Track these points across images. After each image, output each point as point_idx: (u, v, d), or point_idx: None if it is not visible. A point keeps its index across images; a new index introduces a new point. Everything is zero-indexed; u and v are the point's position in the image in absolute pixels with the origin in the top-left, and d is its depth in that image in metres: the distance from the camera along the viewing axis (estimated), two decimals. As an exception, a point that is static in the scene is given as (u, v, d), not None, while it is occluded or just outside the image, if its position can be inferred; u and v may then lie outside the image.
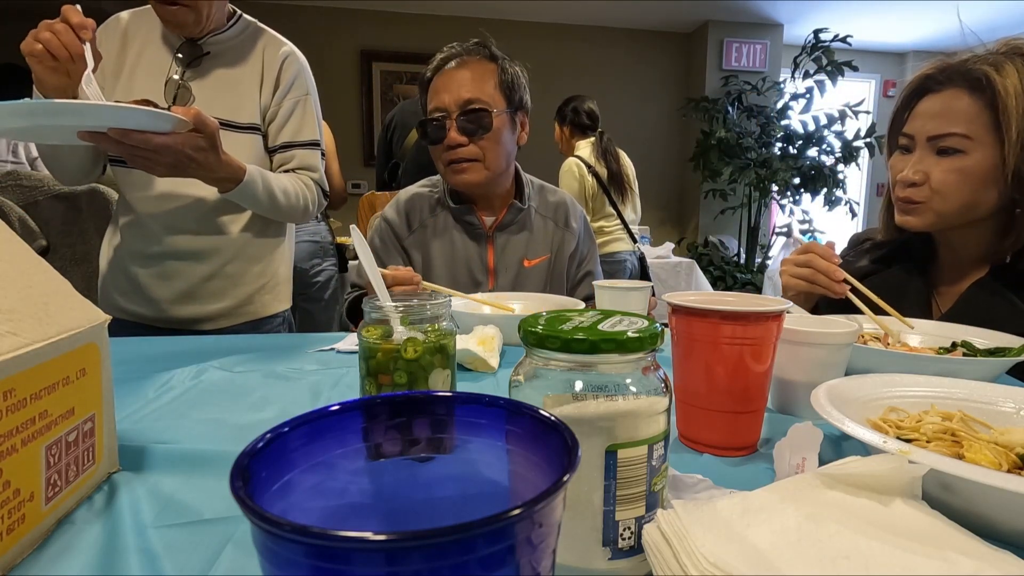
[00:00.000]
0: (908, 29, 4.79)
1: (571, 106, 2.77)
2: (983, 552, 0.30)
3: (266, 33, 1.17)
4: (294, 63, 1.15)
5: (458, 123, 1.07)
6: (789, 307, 0.52)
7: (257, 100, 1.12)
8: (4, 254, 0.39)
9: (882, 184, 5.48)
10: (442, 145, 1.09)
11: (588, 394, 0.32)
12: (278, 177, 1.10)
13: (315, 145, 1.18)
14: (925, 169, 0.88)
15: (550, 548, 0.21)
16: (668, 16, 4.54)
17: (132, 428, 0.54)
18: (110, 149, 0.85)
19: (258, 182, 1.03)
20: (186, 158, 0.87)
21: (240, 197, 1.02)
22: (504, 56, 1.14)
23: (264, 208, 1.08)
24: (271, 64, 1.13)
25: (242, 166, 0.99)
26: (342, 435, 0.26)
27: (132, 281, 1.11)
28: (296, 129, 1.15)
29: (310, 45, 4.47)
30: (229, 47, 1.11)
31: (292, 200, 1.11)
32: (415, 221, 1.17)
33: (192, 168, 0.90)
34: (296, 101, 1.14)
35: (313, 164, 1.17)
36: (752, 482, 0.43)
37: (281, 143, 1.14)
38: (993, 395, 0.52)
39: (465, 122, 1.07)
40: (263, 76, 1.13)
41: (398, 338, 0.49)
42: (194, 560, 0.35)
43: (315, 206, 1.17)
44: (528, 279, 1.18)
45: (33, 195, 1.36)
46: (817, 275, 0.87)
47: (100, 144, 0.81)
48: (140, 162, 0.86)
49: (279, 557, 0.18)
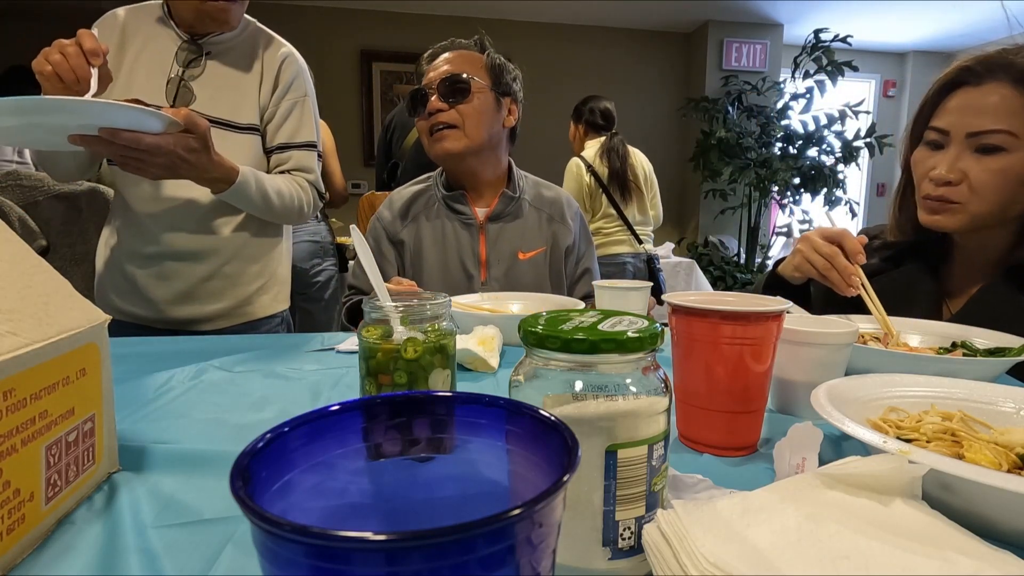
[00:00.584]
0: (908, 29, 4.79)
1: (588, 105, 2.76)
2: (983, 552, 0.30)
3: (265, 33, 1.17)
4: (293, 64, 1.15)
5: (439, 91, 1.11)
6: (789, 307, 0.52)
7: (256, 100, 1.12)
8: (4, 254, 0.39)
9: (882, 184, 5.48)
10: (424, 114, 1.13)
11: (588, 394, 0.32)
12: (272, 178, 1.09)
13: (312, 146, 1.18)
14: (963, 167, 0.83)
15: (550, 548, 0.21)
16: (668, 16, 4.54)
17: (132, 428, 0.54)
18: (102, 152, 0.85)
19: (251, 183, 1.03)
20: (178, 159, 0.87)
21: (233, 198, 1.02)
22: (494, 50, 1.17)
23: (258, 209, 1.08)
24: (270, 65, 1.13)
25: (235, 167, 0.99)
26: (342, 435, 0.26)
27: (129, 281, 1.10)
28: (293, 130, 1.15)
29: (310, 45, 4.48)
30: (229, 47, 1.11)
31: (287, 202, 1.11)
32: (408, 215, 1.19)
33: (184, 169, 0.90)
34: (294, 102, 1.15)
35: (309, 165, 1.17)
36: (752, 482, 0.43)
37: (278, 144, 1.14)
38: (993, 395, 0.52)
39: (445, 89, 1.11)
40: (262, 77, 1.13)
41: (398, 338, 0.49)
42: (194, 560, 0.35)
43: (310, 208, 1.17)
44: (524, 272, 1.17)
45: (33, 195, 1.36)
46: (832, 272, 0.84)
47: (91, 147, 0.81)
48: (132, 164, 0.86)
49: (279, 557, 0.18)
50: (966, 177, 0.83)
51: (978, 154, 0.82)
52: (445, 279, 1.15)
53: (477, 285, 1.15)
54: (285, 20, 4.25)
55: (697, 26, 4.71)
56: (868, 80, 5.41)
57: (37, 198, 1.42)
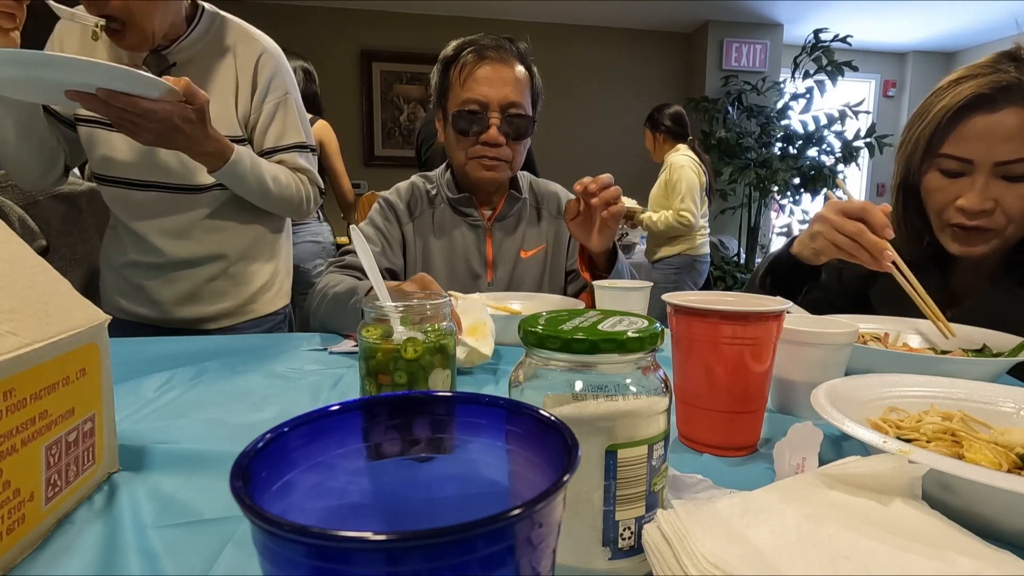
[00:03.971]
0: (908, 29, 4.80)
1: (663, 112, 2.93)
2: (983, 552, 0.30)
3: (235, 28, 1.08)
4: (269, 62, 1.09)
5: (501, 123, 1.06)
6: (789, 307, 0.52)
7: (234, 109, 1.07)
8: (4, 254, 0.39)
9: (882, 184, 5.48)
10: (475, 138, 1.07)
11: (588, 394, 0.32)
12: (271, 165, 1.07)
13: (301, 147, 1.14)
14: (994, 196, 0.82)
15: (550, 548, 0.21)
16: (668, 16, 4.54)
17: (132, 428, 0.54)
18: (97, 110, 0.82)
19: (247, 163, 1.00)
20: (173, 127, 0.86)
21: (228, 177, 1.00)
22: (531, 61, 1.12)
23: (254, 193, 1.05)
24: (245, 66, 1.07)
25: (231, 145, 0.97)
26: (342, 435, 0.26)
27: (134, 285, 1.10)
28: (279, 133, 1.11)
29: (310, 45, 4.49)
30: (196, 53, 1.04)
31: (284, 189, 1.08)
32: (415, 209, 1.16)
33: (179, 139, 0.88)
34: (276, 103, 1.10)
35: (302, 166, 1.14)
36: (752, 482, 0.43)
37: (267, 148, 1.11)
38: (993, 395, 0.52)
39: (508, 124, 1.06)
40: (238, 81, 1.07)
41: (398, 338, 0.49)
42: (194, 560, 0.35)
43: (310, 202, 1.15)
44: (526, 270, 1.17)
45: (33, 195, 1.36)
46: (861, 251, 0.79)
47: (86, 104, 0.80)
48: (126, 127, 0.85)
49: (279, 557, 0.18)
50: (998, 205, 0.82)
51: (1007, 181, 0.81)
52: (451, 280, 1.14)
53: (483, 286, 1.15)
54: (285, 20, 4.25)
55: (697, 26, 4.71)
56: (868, 80, 5.41)
57: (37, 198, 1.42)
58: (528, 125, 1.09)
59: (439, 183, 1.18)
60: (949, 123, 0.84)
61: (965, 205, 0.83)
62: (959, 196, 0.84)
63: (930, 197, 0.89)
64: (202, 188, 1.07)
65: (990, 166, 0.81)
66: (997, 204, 0.82)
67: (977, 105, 0.81)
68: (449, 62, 1.09)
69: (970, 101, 0.81)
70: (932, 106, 0.86)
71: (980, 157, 0.81)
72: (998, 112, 0.80)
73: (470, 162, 1.09)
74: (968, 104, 0.81)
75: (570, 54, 4.70)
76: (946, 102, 0.83)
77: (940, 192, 0.87)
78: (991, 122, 0.80)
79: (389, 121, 4.55)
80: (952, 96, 0.83)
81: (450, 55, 1.09)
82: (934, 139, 0.86)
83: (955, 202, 0.85)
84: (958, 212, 0.84)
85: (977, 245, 0.85)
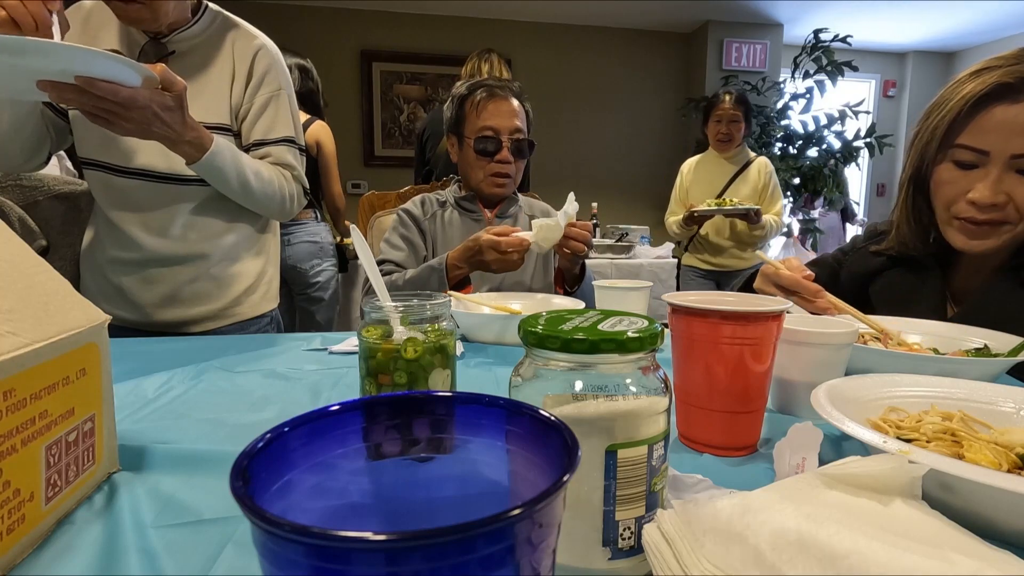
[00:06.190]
0: (908, 29, 4.79)
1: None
2: (983, 552, 0.30)
3: (237, 26, 1.10)
4: (266, 56, 1.10)
5: (510, 145, 1.30)
6: (789, 307, 0.52)
7: (227, 99, 1.07)
8: (4, 254, 0.39)
9: (882, 184, 5.47)
10: (492, 159, 1.30)
11: (588, 394, 0.32)
12: (253, 160, 1.05)
13: (290, 142, 1.13)
14: (1007, 190, 0.80)
15: (550, 548, 0.21)
16: (668, 16, 4.54)
17: (132, 428, 0.54)
18: (73, 101, 0.79)
19: (227, 156, 0.98)
20: (152, 115, 0.84)
21: (207, 170, 0.97)
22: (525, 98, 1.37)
23: (234, 189, 1.03)
24: (242, 59, 1.08)
25: (211, 136, 0.96)
26: (342, 435, 0.26)
27: (114, 286, 1.07)
28: (269, 126, 1.10)
29: (310, 45, 4.48)
30: (196, 44, 1.05)
31: (266, 186, 1.06)
32: (428, 211, 1.35)
33: (157, 128, 0.86)
34: (269, 96, 1.09)
35: (288, 161, 1.12)
36: (752, 482, 0.43)
37: (254, 140, 1.10)
38: (993, 395, 0.52)
39: (515, 146, 1.30)
40: (234, 72, 1.07)
41: (398, 338, 0.49)
42: (194, 560, 0.35)
43: (293, 201, 1.14)
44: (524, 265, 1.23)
45: (33, 195, 1.36)
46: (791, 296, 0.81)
47: (63, 95, 0.77)
48: (104, 117, 0.82)
49: (279, 557, 0.18)
50: (1011, 199, 0.81)
51: (1021, 175, 0.80)
52: None
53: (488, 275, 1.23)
54: (285, 20, 4.25)
55: (697, 26, 4.71)
56: (868, 80, 5.41)
57: (37, 198, 1.42)
58: (527, 146, 1.33)
59: (448, 196, 1.37)
60: (970, 112, 0.82)
61: (976, 198, 0.82)
62: (970, 189, 0.83)
63: (940, 190, 0.88)
64: (186, 180, 1.04)
65: (1006, 159, 0.80)
66: (1009, 198, 0.81)
67: (1000, 95, 0.79)
68: (463, 98, 1.32)
69: (993, 90, 0.79)
70: (952, 95, 0.84)
71: (996, 149, 0.80)
72: (1020, 103, 0.78)
73: (486, 179, 1.32)
74: (991, 93, 0.80)
75: (570, 54, 4.70)
76: (968, 90, 0.82)
77: (951, 185, 0.86)
78: (1012, 113, 0.79)
79: (389, 121, 4.55)
80: (975, 84, 0.81)
81: (463, 93, 1.32)
82: (952, 128, 0.84)
83: (966, 195, 0.83)
84: (969, 206, 0.83)
85: (984, 240, 0.84)
